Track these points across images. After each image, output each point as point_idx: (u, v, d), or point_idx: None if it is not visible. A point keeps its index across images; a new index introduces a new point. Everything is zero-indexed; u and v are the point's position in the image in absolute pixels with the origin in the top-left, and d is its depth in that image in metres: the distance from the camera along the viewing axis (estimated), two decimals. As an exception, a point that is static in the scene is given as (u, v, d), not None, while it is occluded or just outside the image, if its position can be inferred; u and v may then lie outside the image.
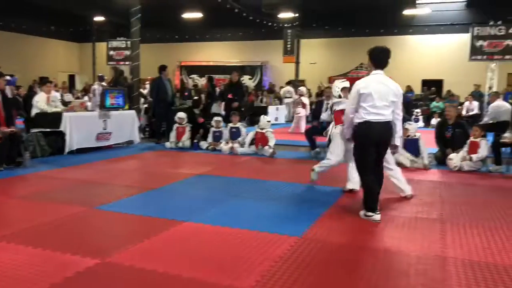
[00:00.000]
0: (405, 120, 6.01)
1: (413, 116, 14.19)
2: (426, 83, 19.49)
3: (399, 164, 6.02)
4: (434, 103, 16.34)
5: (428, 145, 7.33)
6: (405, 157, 6.96)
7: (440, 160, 7.25)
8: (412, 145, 7.10)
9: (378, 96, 4.00)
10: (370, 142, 4.06)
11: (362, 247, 3.51)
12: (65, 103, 10.50)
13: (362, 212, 4.22)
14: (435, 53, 19.92)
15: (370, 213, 4.13)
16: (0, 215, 4.31)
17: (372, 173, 4.13)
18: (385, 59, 4.15)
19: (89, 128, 8.09)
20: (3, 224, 3.92)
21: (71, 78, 26.20)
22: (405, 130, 6.69)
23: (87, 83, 21.37)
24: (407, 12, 18.87)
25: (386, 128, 4.07)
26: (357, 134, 4.14)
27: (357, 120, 4.11)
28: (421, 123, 14.64)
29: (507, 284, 2.79)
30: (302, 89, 14.75)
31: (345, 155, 5.31)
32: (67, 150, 7.63)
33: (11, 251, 3.22)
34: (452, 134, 7.37)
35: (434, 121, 14.03)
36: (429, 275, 2.94)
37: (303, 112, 12.70)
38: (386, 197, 4.06)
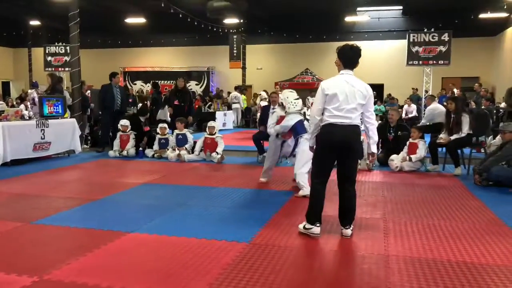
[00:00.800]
0: None
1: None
2: (368, 87, 20.27)
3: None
4: (375, 106, 17.01)
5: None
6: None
7: (383, 162, 7.53)
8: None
9: (344, 97, 3.65)
10: (331, 145, 3.72)
11: (310, 250, 3.55)
12: (-3, 112, 9.85)
13: (301, 225, 3.88)
14: (375, 59, 20.81)
15: (309, 225, 3.78)
16: None
17: (324, 181, 3.82)
18: (355, 58, 3.81)
19: (25, 138, 7.64)
20: None
21: (6, 85, 24.75)
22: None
23: (24, 91, 20.26)
24: (348, 19, 19.57)
25: (351, 132, 3.69)
26: (319, 137, 3.83)
27: (320, 123, 3.80)
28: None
29: (444, 279, 2.93)
30: (263, 93, 14.87)
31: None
32: (0, 162, 7.16)
33: None
34: (395, 136, 7.67)
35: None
36: (373, 274, 3.03)
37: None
38: (332, 199, 4.14)
